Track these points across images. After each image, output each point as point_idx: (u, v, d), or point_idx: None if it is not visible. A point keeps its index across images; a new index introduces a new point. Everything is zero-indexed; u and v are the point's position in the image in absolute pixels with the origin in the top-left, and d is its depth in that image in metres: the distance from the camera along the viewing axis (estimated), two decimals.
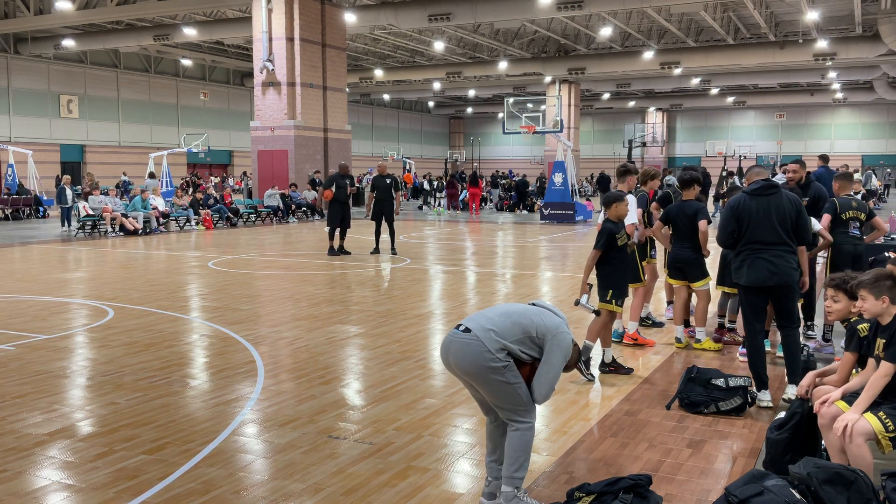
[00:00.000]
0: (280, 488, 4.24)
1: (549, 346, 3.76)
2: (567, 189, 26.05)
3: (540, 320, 3.81)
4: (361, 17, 29.44)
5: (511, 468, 3.79)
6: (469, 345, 3.69)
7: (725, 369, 6.62)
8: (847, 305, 4.54)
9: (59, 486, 4.28)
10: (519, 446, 3.78)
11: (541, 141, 55.09)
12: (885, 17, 29.48)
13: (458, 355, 3.73)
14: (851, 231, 7.44)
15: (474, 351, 3.67)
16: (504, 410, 3.79)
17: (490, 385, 3.71)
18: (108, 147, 40.74)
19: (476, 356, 3.67)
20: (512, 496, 3.79)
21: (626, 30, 35.25)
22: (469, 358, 3.69)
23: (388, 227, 15.65)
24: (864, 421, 3.87)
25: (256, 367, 6.78)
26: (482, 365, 3.67)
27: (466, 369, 3.72)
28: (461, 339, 3.73)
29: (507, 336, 3.71)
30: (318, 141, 28.20)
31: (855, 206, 7.46)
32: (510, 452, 3.79)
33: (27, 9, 30.18)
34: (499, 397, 3.74)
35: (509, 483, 3.80)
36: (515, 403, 3.75)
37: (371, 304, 9.99)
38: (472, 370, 3.70)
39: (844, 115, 59.36)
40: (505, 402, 3.75)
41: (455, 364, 3.77)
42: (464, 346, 3.71)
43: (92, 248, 17.03)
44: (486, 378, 3.69)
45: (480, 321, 3.77)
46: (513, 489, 3.80)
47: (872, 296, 4.09)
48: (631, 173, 7.72)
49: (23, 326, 8.48)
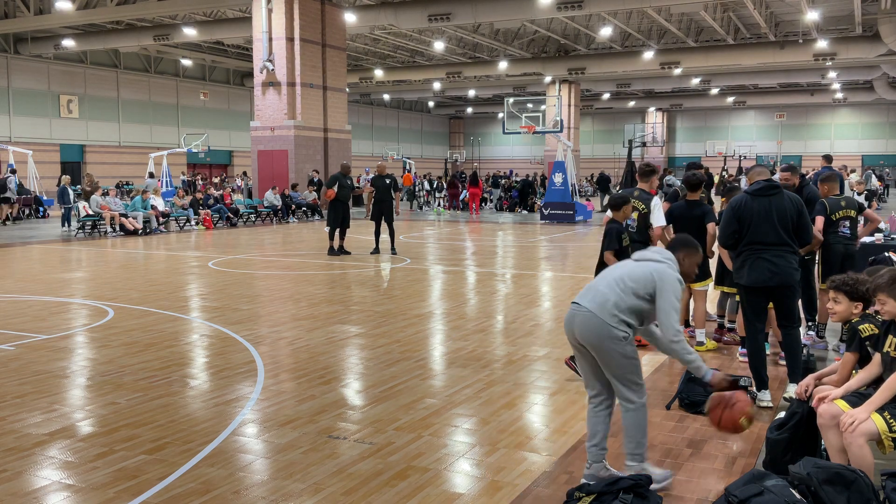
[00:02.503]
0: (280, 488, 4.24)
1: (658, 290, 4.04)
2: (567, 189, 26.06)
3: (641, 273, 4.08)
4: (361, 17, 29.44)
5: (631, 446, 4.14)
6: (590, 318, 4.02)
7: (725, 369, 6.62)
8: (848, 307, 4.53)
9: (59, 486, 4.28)
10: (634, 425, 4.12)
11: (541, 141, 55.09)
12: (885, 17, 29.48)
13: (582, 328, 4.05)
14: (841, 231, 7.46)
15: (597, 324, 4.00)
16: (620, 383, 4.08)
17: (610, 356, 4.02)
18: (108, 147, 40.74)
19: (599, 328, 3.99)
20: (639, 469, 4.12)
21: (626, 30, 35.24)
22: (592, 330, 4.01)
23: (388, 228, 15.64)
24: (868, 420, 3.85)
25: (256, 367, 6.78)
26: (605, 336, 3.98)
27: (591, 341, 4.04)
28: (584, 313, 4.06)
29: (620, 304, 4.01)
30: (318, 141, 28.20)
31: (844, 205, 7.49)
32: (628, 432, 4.14)
33: (27, 9, 30.17)
34: (617, 369, 4.05)
35: (633, 459, 4.15)
36: (631, 375, 4.07)
37: (371, 304, 9.99)
38: (595, 342, 4.02)
39: (844, 115, 59.35)
40: (622, 373, 4.05)
41: (580, 336, 4.08)
42: (586, 319, 4.03)
43: (92, 248, 17.03)
44: (607, 348, 4.00)
45: (595, 297, 4.08)
46: (637, 464, 4.14)
47: (892, 298, 4.05)
48: (655, 173, 7.55)
49: (23, 326, 8.48)
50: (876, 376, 4.13)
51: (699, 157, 53.96)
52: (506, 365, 6.92)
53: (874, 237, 10.06)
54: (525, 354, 7.31)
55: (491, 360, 7.07)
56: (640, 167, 7.92)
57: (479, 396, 5.94)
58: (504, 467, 4.54)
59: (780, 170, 7.85)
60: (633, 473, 4.05)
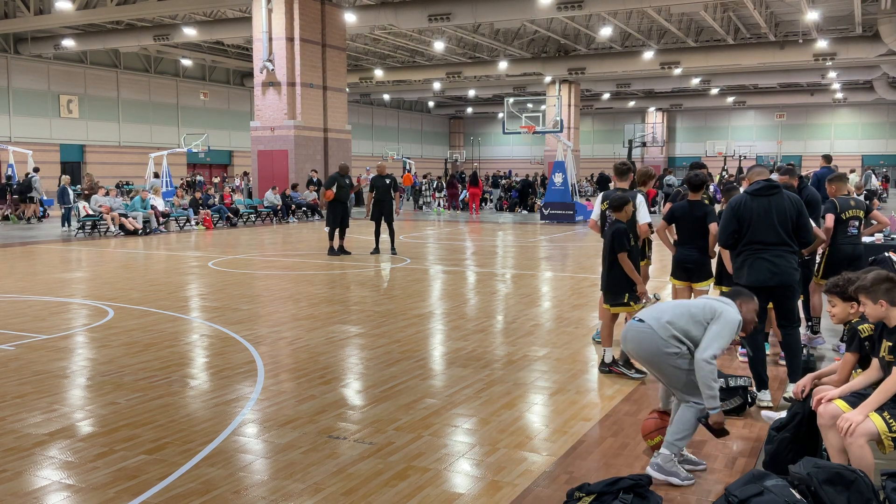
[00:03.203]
0: (280, 488, 4.24)
1: (715, 318, 4.28)
2: (567, 189, 26.06)
3: (705, 304, 4.34)
4: (361, 17, 29.43)
5: (674, 435, 4.32)
6: (642, 332, 4.30)
7: (725, 369, 6.62)
8: (844, 308, 4.54)
9: (59, 486, 4.28)
10: (686, 419, 4.31)
11: (541, 141, 55.09)
12: (885, 17, 29.48)
13: (634, 343, 4.33)
14: (850, 231, 7.44)
15: (648, 339, 4.27)
16: (678, 391, 4.35)
17: (664, 369, 4.28)
18: (108, 147, 40.74)
19: (650, 343, 4.26)
20: (668, 458, 4.28)
21: (626, 30, 35.24)
22: (643, 345, 4.29)
23: (388, 228, 15.64)
24: (868, 421, 3.85)
25: (256, 367, 6.78)
26: (655, 351, 4.24)
27: (643, 355, 4.32)
28: (636, 328, 4.34)
29: (676, 322, 4.26)
30: (318, 141, 28.20)
31: (853, 204, 7.48)
32: (678, 422, 4.32)
33: (27, 9, 30.17)
34: (672, 380, 4.32)
35: (669, 447, 4.30)
36: (687, 386, 4.28)
37: (371, 304, 9.99)
38: (646, 356, 4.31)
39: (844, 115, 59.35)
40: (677, 384, 4.31)
41: (633, 351, 4.36)
42: (637, 334, 4.32)
43: (92, 248, 17.03)
44: (660, 362, 4.26)
45: (654, 313, 4.36)
46: (670, 453, 4.29)
47: (870, 300, 4.05)
48: (632, 171, 7.70)
49: (23, 326, 8.48)
50: (876, 380, 4.12)
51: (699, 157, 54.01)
52: (506, 365, 6.92)
53: (874, 237, 10.07)
54: (525, 354, 7.31)
55: (491, 360, 7.07)
56: (615, 166, 7.92)
57: (479, 396, 5.94)
58: (504, 467, 4.54)
59: (779, 172, 7.83)
60: (659, 462, 4.28)
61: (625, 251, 6.51)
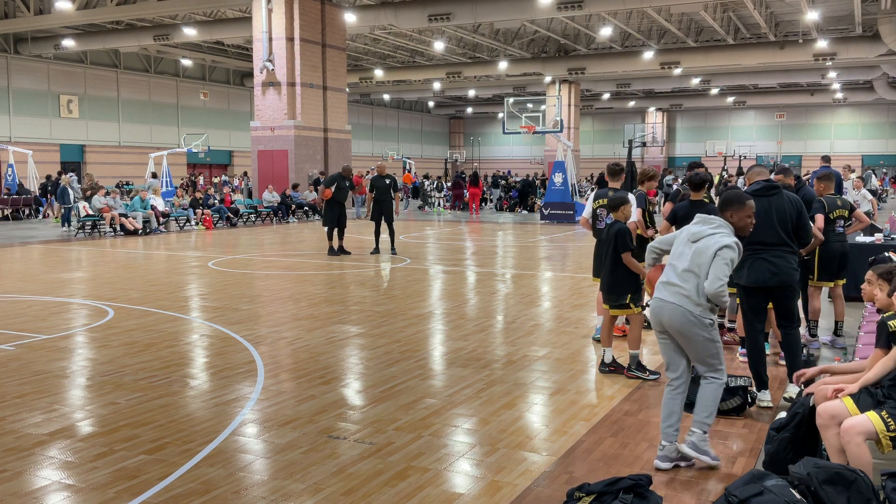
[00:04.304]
0: (280, 488, 4.24)
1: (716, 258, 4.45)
2: (567, 189, 26.07)
3: (706, 257, 4.45)
4: (361, 17, 29.42)
5: (702, 414, 4.55)
6: (676, 309, 4.48)
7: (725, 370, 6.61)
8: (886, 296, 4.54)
9: (59, 486, 4.28)
10: (710, 397, 4.56)
11: (541, 141, 55.05)
12: (885, 17, 29.46)
13: (671, 318, 4.51)
14: (837, 229, 7.58)
15: (684, 313, 4.46)
16: (702, 364, 4.57)
17: (696, 340, 4.49)
18: (108, 147, 40.72)
19: (686, 317, 4.46)
20: (702, 437, 4.53)
21: (626, 30, 35.23)
22: (680, 319, 4.48)
23: (388, 228, 15.64)
24: (865, 419, 3.85)
25: (256, 367, 6.78)
26: (693, 324, 4.45)
27: (679, 329, 4.50)
28: (671, 305, 4.51)
29: (701, 291, 4.43)
30: (318, 141, 28.20)
31: (840, 204, 7.66)
32: (702, 401, 4.56)
33: (27, 9, 30.16)
34: (701, 351, 4.53)
35: (699, 426, 4.54)
36: (713, 358, 4.54)
37: (371, 304, 9.99)
38: (682, 329, 4.49)
39: (844, 115, 59.31)
40: (705, 356, 4.54)
41: (668, 325, 4.54)
42: (672, 310, 4.50)
43: (92, 248, 17.03)
44: (693, 334, 4.47)
45: (679, 291, 4.50)
46: (701, 431, 4.54)
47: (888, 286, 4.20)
48: (623, 171, 7.90)
49: (23, 326, 8.48)
50: (892, 370, 4.10)
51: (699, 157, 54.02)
52: (506, 365, 6.92)
53: (874, 237, 10.08)
54: (525, 354, 7.31)
55: (491, 360, 7.07)
56: (608, 166, 8.12)
57: (479, 396, 5.94)
58: (504, 467, 4.54)
59: (774, 173, 7.86)
60: (694, 440, 4.51)
61: (629, 250, 6.51)
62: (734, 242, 4.46)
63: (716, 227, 4.57)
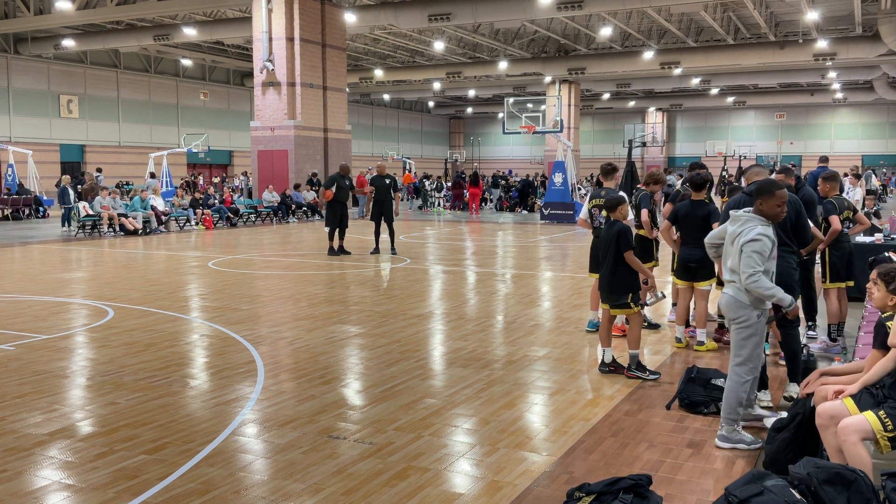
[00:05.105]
0: (280, 488, 4.24)
1: None
2: (567, 189, 26.07)
3: (735, 256, 4.71)
4: (361, 17, 29.42)
5: (727, 409, 4.84)
6: (728, 299, 4.79)
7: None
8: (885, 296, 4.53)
9: (59, 486, 4.28)
10: (734, 389, 4.82)
11: (541, 141, 55.06)
12: (885, 17, 29.46)
13: (725, 309, 4.81)
14: (844, 230, 7.54)
15: (728, 301, 4.78)
16: (732, 355, 4.85)
17: (733, 330, 4.80)
18: (108, 147, 40.72)
19: (728, 305, 4.78)
20: (732, 429, 4.86)
21: (626, 30, 35.23)
22: (725, 309, 4.81)
23: (388, 228, 15.64)
24: (862, 420, 3.85)
25: (256, 367, 6.78)
26: (735, 312, 4.73)
27: (728, 317, 4.82)
28: (726, 296, 4.81)
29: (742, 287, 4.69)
30: (318, 141, 28.20)
31: (847, 205, 7.65)
32: (728, 395, 4.84)
33: (27, 9, 30.16)
34: (734, 341, 4.83)
35: (723, 422, 4.87)
36: (740, 349, 4.80)
37: (371, 304, 9.99)
38: (729, 317, 4.81)
39: (844, 115, 59.32)
40: (735, 346, 4.83)
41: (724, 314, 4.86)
42: (726, 300, 4.80)
43: (92, 248, 17.03)
44: (732, 323, 4.77)
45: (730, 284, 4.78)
46: (728, 426, 4.86)
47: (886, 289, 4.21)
48: (617, 171, 8.04)
49: (23, 326, 8.48)
50: (891, 370, 4.09)
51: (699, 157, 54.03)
52: (506, 365, 6.92)
53: (874, 237, 10.08)
54: (525, 354, 7.31)
55: (491, 360, 7.07)
56: (602, 166, 8.20)
57: (479, 396, 5.94)
58: (504, 467, 4.54)
59: (775, 172, 7.86)
60: (724, 433, 4.83)
61: (631, 249, 6.51)
62: (759, 234, 4.63)
63: (742, 224, 4.76)
